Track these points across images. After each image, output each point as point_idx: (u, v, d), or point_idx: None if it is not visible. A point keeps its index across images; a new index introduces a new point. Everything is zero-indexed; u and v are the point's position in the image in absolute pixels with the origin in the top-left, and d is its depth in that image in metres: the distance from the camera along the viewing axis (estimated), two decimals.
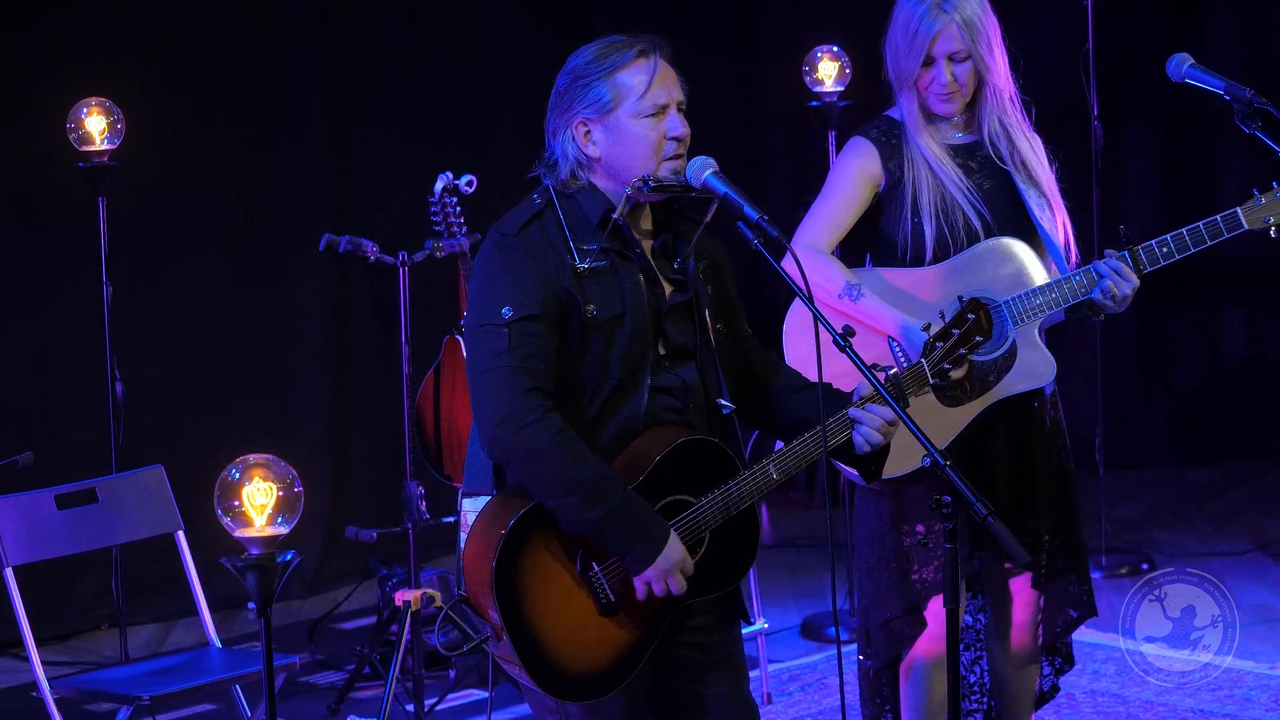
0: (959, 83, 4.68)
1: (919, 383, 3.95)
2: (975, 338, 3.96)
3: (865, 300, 4.65)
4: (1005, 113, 4.73)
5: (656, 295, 3.86)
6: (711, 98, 8.88)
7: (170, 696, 5.34)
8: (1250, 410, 9.22)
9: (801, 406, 3.98)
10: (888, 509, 4.76)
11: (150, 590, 7.29)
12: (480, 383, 3.76)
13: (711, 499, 3.82)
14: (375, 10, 8.02)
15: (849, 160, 4.79)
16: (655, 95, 3.83)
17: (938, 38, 4.66)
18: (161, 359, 7.51)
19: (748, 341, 4.07)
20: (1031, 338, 4.64)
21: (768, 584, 7.00)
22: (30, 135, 7.17)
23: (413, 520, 6.14)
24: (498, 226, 3.87)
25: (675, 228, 3.95)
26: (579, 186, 3.86)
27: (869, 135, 4.78)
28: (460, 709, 6.35)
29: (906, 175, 4.70)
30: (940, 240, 4.67)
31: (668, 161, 3.84)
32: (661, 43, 3.87)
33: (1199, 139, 9.10)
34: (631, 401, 3.81)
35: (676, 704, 3.95)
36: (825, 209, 4.78)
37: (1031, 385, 4.66)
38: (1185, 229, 4.58)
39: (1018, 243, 4.67)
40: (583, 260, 3.81)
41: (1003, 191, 4.72)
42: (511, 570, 3.72)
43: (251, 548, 3.61)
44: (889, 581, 4.76)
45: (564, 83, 3.86)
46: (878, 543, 4.79)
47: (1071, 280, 4.61)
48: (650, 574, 3.74)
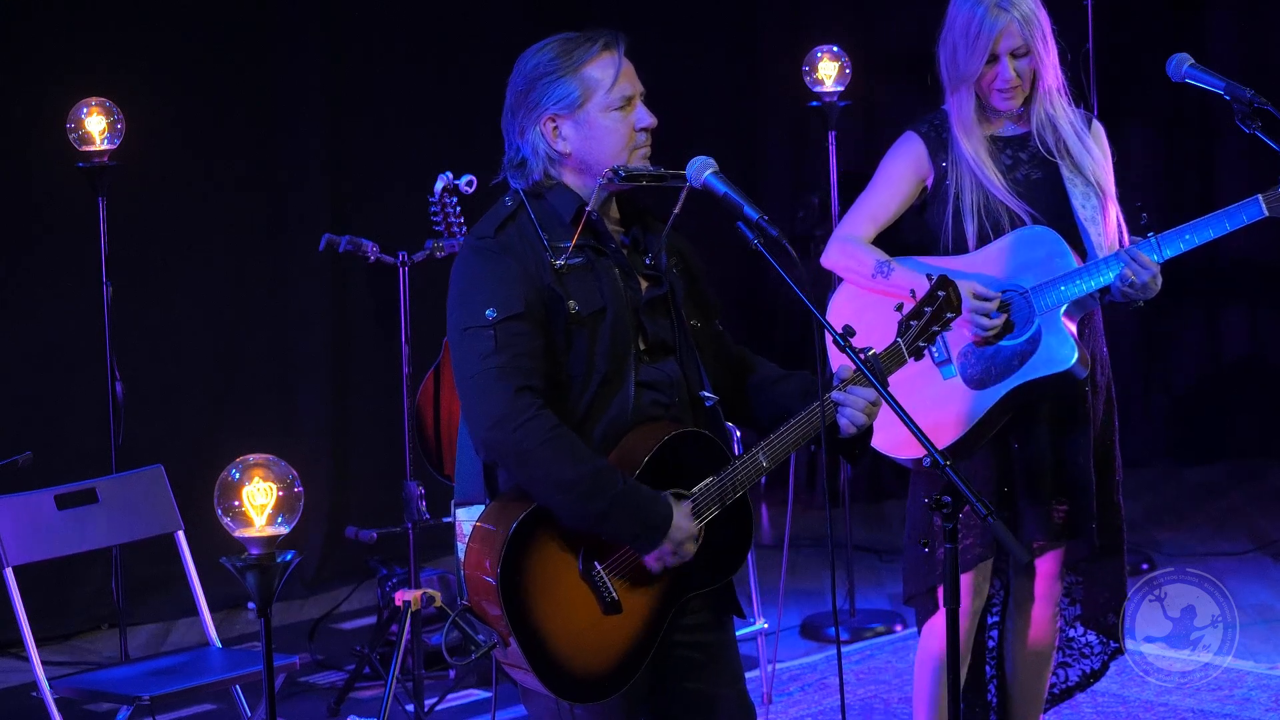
0: (1022, 78, 4.73)
1: (897, 362, 3.98)
2: (946, 314, 4.03)
3: (897, 273, 4.73)
4: (1053, 104, 4.78)
5: (633, 289, 3.87)
6: (711, 98, 8.98)
7: (170, 696, 5.33)
8: (1250, 410, 9.22)
9: (783, 397, 3.99)
10: (923, 489, 4.83)
11: (150, 590, 7.29)
12: (469, 387, 3.75)
13: (705, 489, 3.82)
14: (375, 10, 8.02)
15: (897, 155, 4.87)
16: (622, 87, 3.83)
17: (1002, 36, 4.71)
18: (161, 359, 7.51)
19: (721, 337, 4.08)
20: (1056, 323, 4.69)
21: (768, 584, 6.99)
22: (30, 135, 7.17)
23: (413, 520, 6.14)
24: (473, 232, 3.88)
25: (644, 222, 3.96)
26: (550, 185, 3.87)
27: (919, 130, 4.84)
28: (460, 709, 6.36)
29: (951, 172, 4.76)
30: (982, 238, 4.75)
31: (638, 150, 3.85)
32: (621, 36, 3.87)
33: (1199, 139, 9.10)
34: (619, 398, 3.81)
35: (674, 704, 3.95)
36: (868, 202, 4.87)
37: (1052, 370, 4.71)
38: (1207, 218, 4.64)
39: (1048, 231, 4.73)
40: (560, 257, 3.81)
41: (1050, 183, 4.78)
42: (515, 575, 3.72)
43: (251, 548, 3.60)
44: (915, 559, 4.87)
45: (524, 82, 3.86)
46: (910, 521, 4.91)
47: (1098, 268, 4.66)
48: (665, 549, 3.75)
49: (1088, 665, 5.13)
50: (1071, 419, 4.82)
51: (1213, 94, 4.74)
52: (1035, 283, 4.69)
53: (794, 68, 7.28)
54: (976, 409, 4.70)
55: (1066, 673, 5.13)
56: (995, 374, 4.70)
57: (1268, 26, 8.98)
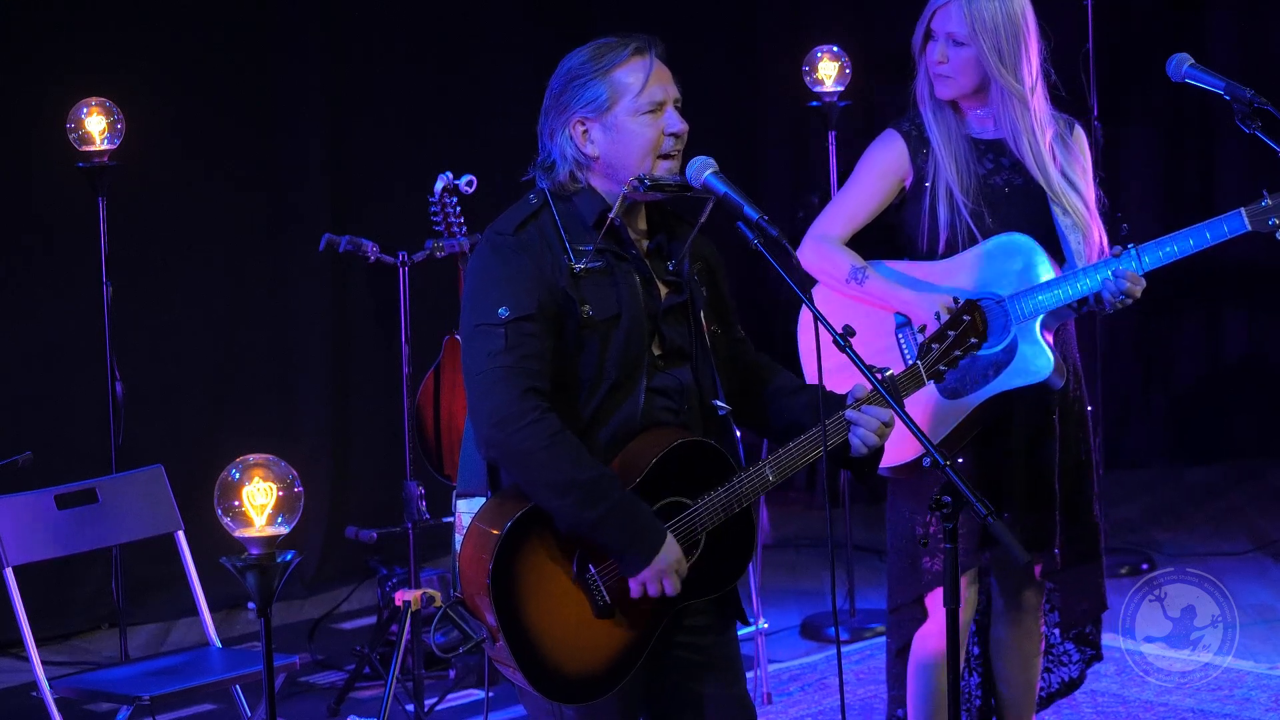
0: (952, 66, 4.71)
1: (915, 384, 3.97)
2: (970, 339, 3.99)
3: (871, 282, 4.71)
4: (1018, 114, 4.73)
5: (652, 296, 3.86)
6: (711, 98, 8.97)
7: (170, 696, 5.33)
8: (1249, 410, 9.22)
9: (797, 409, 3.98)
10: (904, 498, 4.81)
11: (150, 590, 7.29)
12: (476, 383, 3.75)
13: (709, 501, 3.82)
14: (375, 10, 8.02)
15: (876, 153, 4.84)
16: (652, 92, 3.83)
17: (937, 13, 4.73)
18: (161, 359, 7.51)
19: (742, 344, 4.07)
20: (1032, 334, 4.65)
21: (768, 584, 7.00)
22: (30, 135, 7.17)
23: (413, 520, 6.14)
24: (493, 227, 3.87)
25: (670, 229, 3.95)
26: (577, 188, 3.86)
27: (901, 129, 4.82)
28: (460, 709, 6.35)
29: (930, 173, 4.74)
30: (957, 243, 4.71)
31: (664, 159, 3.84)
32: (656, 41, 3.87)
33: (1199, 139, 9.10)
34: (628, 403, 3.81)
35: (673, 705, 3.95)
36: (845, 200, 4.85)
37: (1028, 380, 4.67)
38: (1188, 229, 4.60)
39: (1026, 239, 4.69)
40: (579, 261, 3.80)
41: (1029, 190, 4.75)
42: (508, 572, 3.72)
43: (251, 548, 3.60)
44: (901, 570, 4.86)
45: (559, 84, 3.86)
46: (896, 530, 4.88)
47: (1075, 278, 4.62)
48: (646, 575, 3.74)
49: (1066, 673, 5.12)
50: (1039, 432, 4.78)
51: (1213, 94, 4.73)
52: (1011, 291, 4.65)
53: (794, 68, 7.28)
54: (950, 418, 4.65)
55: (1049, 678, 5.11)
56: (970, 384, 4.65)
57: (1268, 26, 8.98)
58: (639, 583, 3.76)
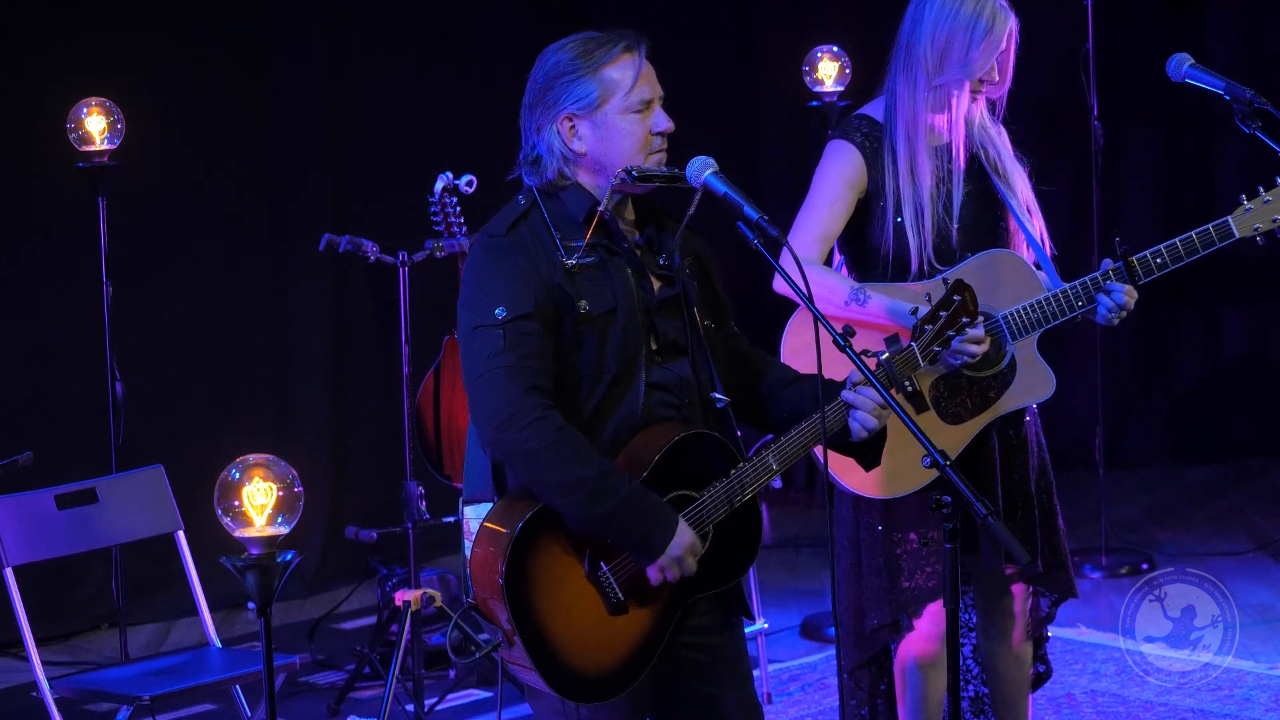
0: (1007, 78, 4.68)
1: (910, 366, 3.94)
2: (962, 319, 3.95)
3: (873, 301, 4.60)
4: (986, 115, 4.72)
5: (645, 290, 3.86)
6: (711, 98, 8.97)
7: (170, 696, 5.33)
8: (1249, 410, 9.22)
9: (796, 399, 3.98)
10: (877, 518, 4.75)
11: (150, 590, 7.29)
12: (478, 385, 3.74)
13: (714, 492, 3.82)
14: (375, 10, 8.02)
15: (834, 167, 4.71)
16: (641, 90, 3.83)
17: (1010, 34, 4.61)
18: (161, 359, 7.51)
19: (736, 338, 4.07)
20: (1031, 352, 4.63)
21: (768, 584, 7.00)
22: (30, 135, 7.18)
23: (413, 520, 6.14)
24: (485, 230, 3.87)
25: (659, 222, 3.95)
26: (564, 185, 3.86)
27: (853, 140, 4.70)
28: (460, 709, 6.36)
29: (888, 180, 4.65)
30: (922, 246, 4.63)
31: (654, 154, 3.84)
32: (643, 38, 3.87)
33: (1199, 139, 9.10)
34: (628, 399, 3.81)
35: (681, 704, 3.95)
36: (813, 219, 4.69)
37: (1035, 400, 4.67)
38: (1179, 238, 4.59)
39: (1014, 255, 4.66)
40: (571, 257, 3.80)
41: (984, 196, 4.70)
42: (521, 574, 3.71)
43: (251, 548, 3.61)
44: (879, 591, 4.75)
45: (545, 79, 3.86)
46: (867, 550, 4.79)
47: (1069, 293, 4.59)
48: (664, 560, 3.74)
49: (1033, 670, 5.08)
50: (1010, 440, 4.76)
51: (1213, 94, 4.72)
52: (1006, 309, 4.61)
53: (794, 68, 7.28)
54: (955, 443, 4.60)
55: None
56: (972, 407, 4.62)
57: (1268, 26, 8.98)
58: (658, 569, 3.75)
